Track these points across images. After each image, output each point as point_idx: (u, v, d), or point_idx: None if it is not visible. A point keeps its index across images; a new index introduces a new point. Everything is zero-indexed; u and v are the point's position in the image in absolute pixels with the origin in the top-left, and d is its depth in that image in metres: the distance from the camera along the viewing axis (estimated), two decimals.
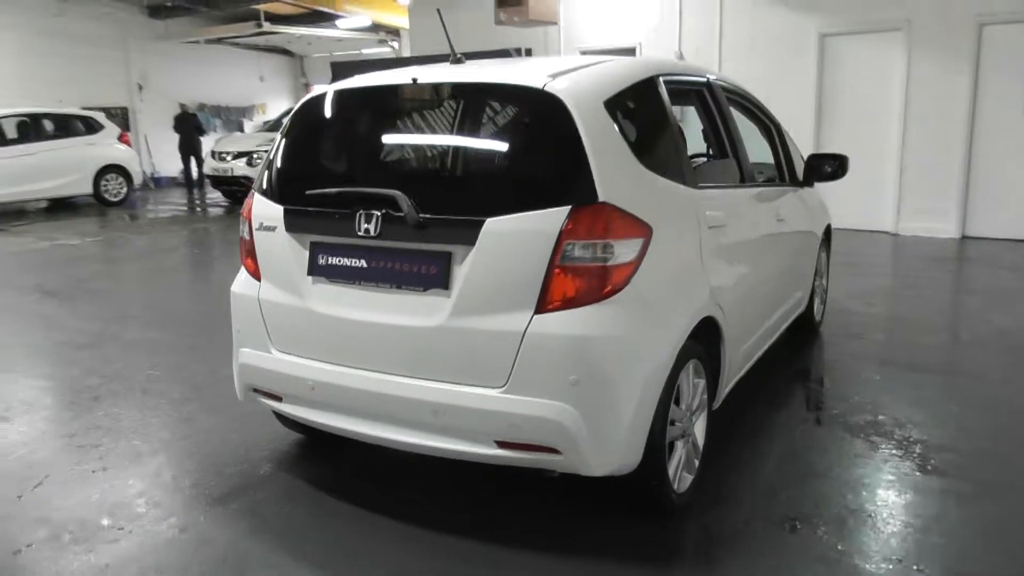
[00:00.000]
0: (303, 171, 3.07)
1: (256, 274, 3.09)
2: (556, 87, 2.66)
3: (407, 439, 2.76)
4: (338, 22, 16.09)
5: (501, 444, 2.62)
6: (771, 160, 4.49)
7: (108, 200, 13.09)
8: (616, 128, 2.73)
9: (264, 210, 3.04)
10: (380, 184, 2.77)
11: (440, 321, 2.63)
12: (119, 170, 13.23)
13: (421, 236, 2.66)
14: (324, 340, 2.88)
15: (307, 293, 2.91)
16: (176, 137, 15.76)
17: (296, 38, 18.04)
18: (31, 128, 12.31)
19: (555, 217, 2.52)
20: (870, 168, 9.29)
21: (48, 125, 12.58)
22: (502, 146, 2.85)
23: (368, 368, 2.78)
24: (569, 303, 2.53)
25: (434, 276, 2.66)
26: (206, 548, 2.80)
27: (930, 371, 4.54)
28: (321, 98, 3.11)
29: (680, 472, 2.94)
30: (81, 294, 6.80)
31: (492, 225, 2.57)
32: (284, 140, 3.14)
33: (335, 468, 3.41)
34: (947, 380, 4.40)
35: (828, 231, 5.28)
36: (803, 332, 5.19)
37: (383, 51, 18.69)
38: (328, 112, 3.08)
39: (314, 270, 2.90)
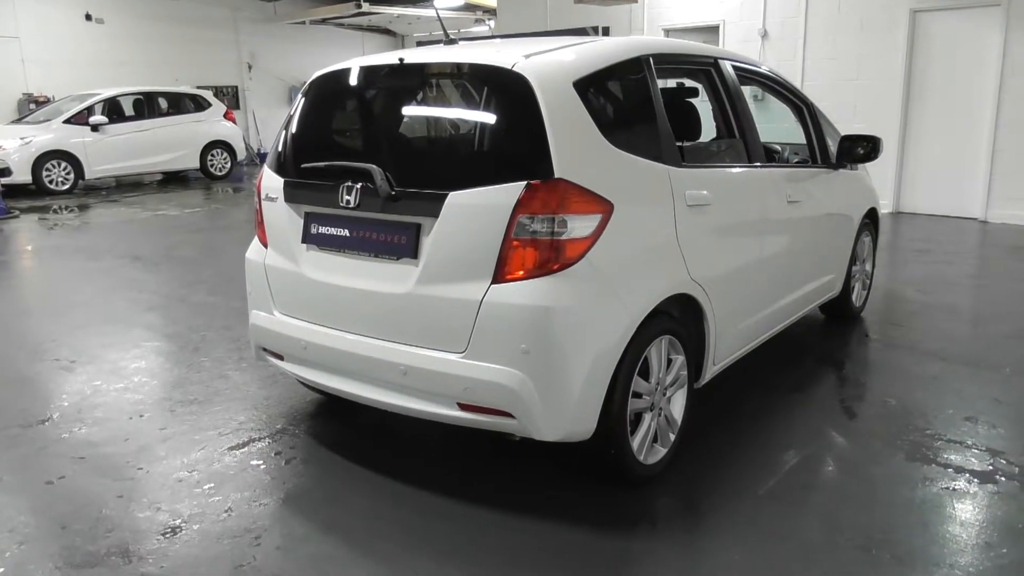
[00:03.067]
0: (301, 146, 3.31)
1: (264, 241, 3.36)
2: (524, 67, 2.77)
3: (381, 398, 2.97)
4: (434, 1, 16.43)
5: (462, 406, 2.79)
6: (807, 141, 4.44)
7: (213, 174, 13.97)
8: (584, 107, 2.81)
9: (270, 182, 3.30)
10: (362, 159, 2.96)
11: (408, 288, 2.82)
12: (224, 146, 14.08)
13: (393, 208, 2.85)
14: (315, 303, 3.12)
15: (301, 260, 3.15)
16: (284, 114, 16.57)
17: (396, 18, 18.54)
18: (145, 106, 13.26)
19: (511, 192, 2.64)
20: (959, 151, 8.84)
21: (160, 103, 13.52)
22: (471, 123, 2.99)
23: (350, 330, 3.00)
24: (523, 275, 2.65)
25: (404, 246, 2.84)
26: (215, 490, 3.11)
27: (961, 362, 4.37)
28: (321, 78, 3.34)
29: (647, 444, 3.02)
30: (166, 261, 7.37)
31: (455, 198, 2.72)
32: (290, 118, 3.39)
33: (345, 426, 3.67)
34: (974, 372, 4.23)
35: (873, 215, 5.13)
36: (839, 318, 5.09)
37: (480, 30, 18.96)
38: (325, 92, 3.30)
39: (307, 238, 3.13)
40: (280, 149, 3.35)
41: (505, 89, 2.83)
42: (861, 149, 4.44)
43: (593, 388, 2.72)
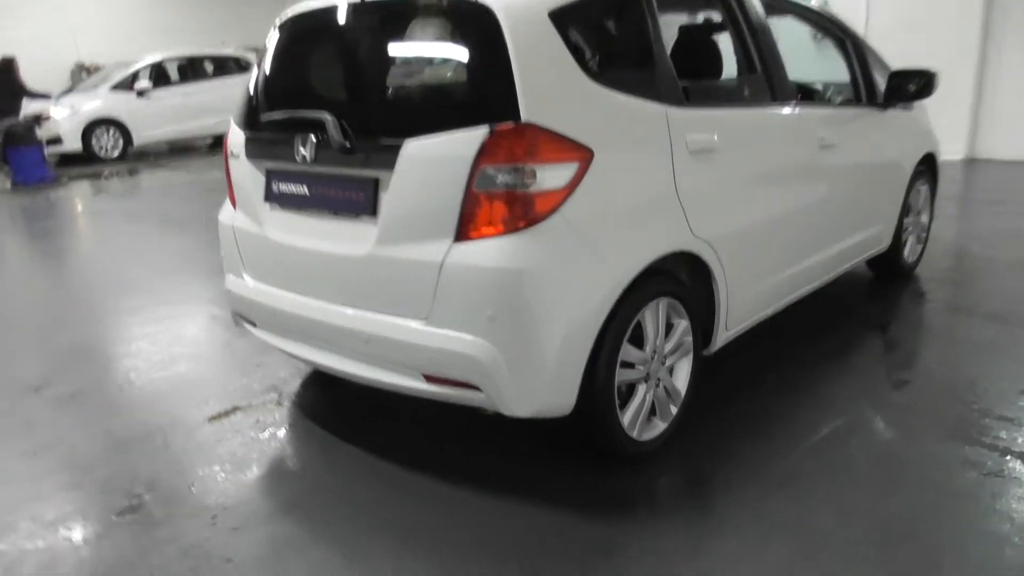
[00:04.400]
0: (261, 97, 3.04)
1: (234, 201, 3.13)
2: None
3: (348, 368, 2.72)
4: None
5: (428, 378, 2.52)
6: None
7: None
8: (561, 40, 2.46)
9: (234, 137, 3.06)
10: (317, 107, 2.67)
11: (368, 249, 2.54)
12: None
13: (349, 161, 2.56)
14: (280, 267, 2.88)
15: (265, 220, 2.91)
16: None
17: None
18: (190, 70, 13.24)
19: (472, 139, 2.33)
20: None
21: (206, 66, 13.48)
22: (433, 63, 2.66)
23: (314, 296, 2.75)
24: (487, 233, 2.35)
25: (362, 203, 2.56)
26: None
27: (1011, 323, 3.89)
28: (283, 23, 3.05)
29: (642, 419, 2.71)
30: (193, 222, 7.29)
31: (411, 148, 2.42)
32: (254, 69, 3.13)
33: (337, 398, 3.46)
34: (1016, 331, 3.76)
35: (931, 161, 4.60)
36: (889, 275, 4.62)
37: None
38: (286, 37, 3.02)
39: (269, 196, 2.89)
40: (243, 101, 3.09)
41: (468, 22, 2.49)
42: (912, 86, 3.93)
43: (570, 359, 2.41)
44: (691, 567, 2.25)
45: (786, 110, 3.29)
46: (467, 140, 2.33)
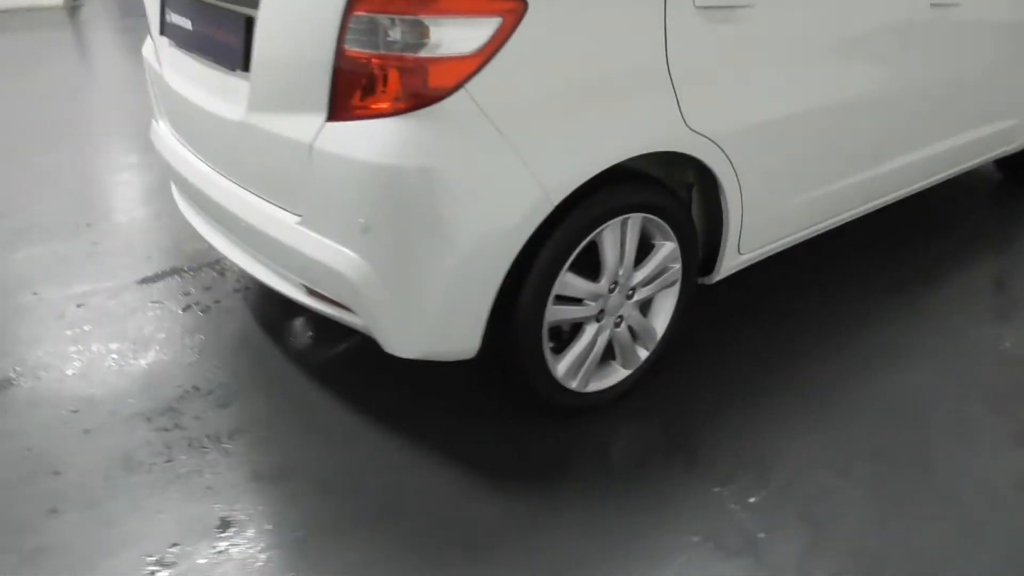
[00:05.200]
0: None
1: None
2: None
3: (239, 262, 2.21)
4: None
5: (309, 291, 1.98)
6: None
7: None
8: None
9: None
10: None
11: (241, 113, 1.94)
12: None
13: None
14: (178, 118, 2.33)
15: (163, 58, 2.33)
16: None
17: None
18: None
19: None
20: None
21: None
22: None
23: (204, 160, 2.21)
24: (363, 112, 1.69)
25: (236, 50, 1.93)
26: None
27: None
28: None
29: (590, 366, 2.10)
30: None
31: None
32: None
33: None
34: None
35: None
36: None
37: None
38: None
39: (164, 28, 2.29)
40: None
41: None
42: None
43: (469, 291, 1.80)
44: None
45: None
46: None
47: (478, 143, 1.68)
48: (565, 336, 2.08)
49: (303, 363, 2.43)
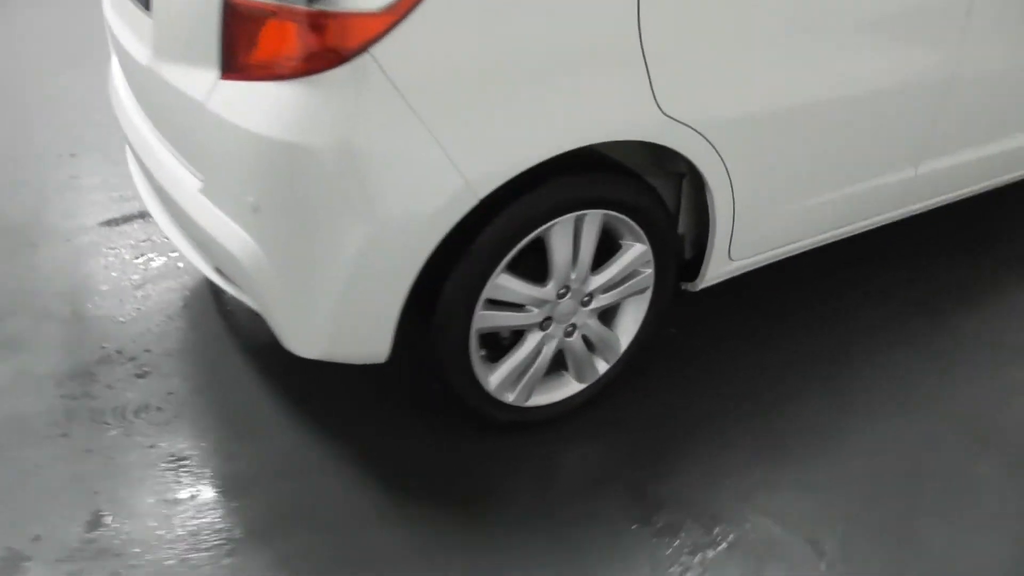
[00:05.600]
0: None
1: None
2: None
3: (160, 223, 1.99)
4: None
5: (216, 268, 1.76)
6: None
7: None
8: None
9: None
10: None
11: (148, 58, 1.70)
12: None
13: None
14: (118, 56, 2.10)
15: None
16: None
17: None
18: None
19: None
20: None
21: None
22: None
23: (136, 108, 1.98)
24: (252, 73, 1.43)
25: None
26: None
27: None
28: None
29: (532, 379, 1.83)
30: None
31: None
32: None
33: None
34: None
35: None
36: None
37: None
38: None
39: None
40: None
41: None
42: None
43: (372, 288, 1.53)
44: None
45: None
46: None
47: (383, 119, 1.39)
48: (505, 343, 1.82)
49: (243, 339, 2.23)
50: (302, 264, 1.52)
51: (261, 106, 1.41)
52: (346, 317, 1.56)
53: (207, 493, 1.75)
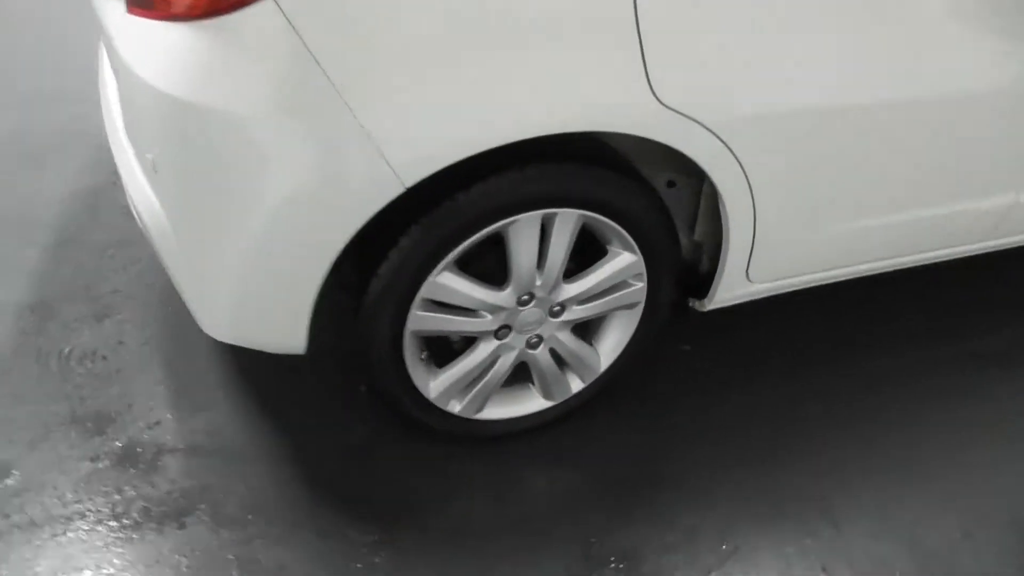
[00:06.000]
0: None
1: None
2: None
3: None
4: None
5: None
6: None
7: None
8: None
9: None
10: None
11: None
12: None
13: None
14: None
15: None
16: None
17: None
18: None
19: None
20: None
21: None
22: None
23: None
24: (148, 11, 1.21)
25: None
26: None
27: None
28: None
29: (484, 390, 1.59)
30: None
31: None
32: None
33: None
34: None
35: None
36: None
37: None
38: None
39: None
40: None
41: None
42: None
43: (279, 272, 1.30)
44: None
45: None
46: None
47: (286, 79, 1.15)
48: (456, 347, 1.57)
49: None
50: (201, 236, 1.32)
51: (155, 51, 1.20)
52: (250, 300, 1.35)
53: (120, 460, 1.62)
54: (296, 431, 1.72)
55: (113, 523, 1.50)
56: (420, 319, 1.43)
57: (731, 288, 1.65)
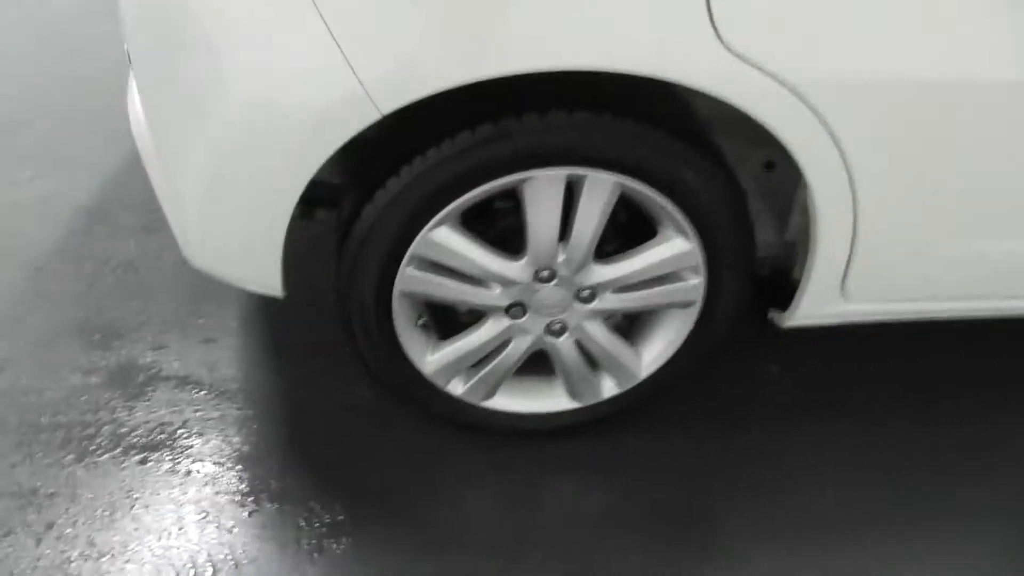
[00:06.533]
0: None
1: None
2: None
3: None
4: None
5: None
6: None
7: None
8: None
9: None
10: None
11: None
12: None
13: None
14: None
15: None
16: None
17: None
18: None
19: None
20: None
21: None
22: None
23: None
24: None
25: None
26: None
27: None
28: None
29: (493, 375, 1.34)
30: None
31: None
32: None
33: None
34: None
35: None
36: None
37: None
38: None
39: None
40: None
41: None
42: None
43: (244, 194, 1.11)
44: None
45: None
46: None
47: None
48: (464, 320, 1.34)
49: None
50: (170, 144, 1.16)
51: None
52: (217, 223, 1.18)
53: (111, 379, 1.53)
54: (297, 385, 1.56)
55: (73, 444, 1.40)
56: (410, 278, 1.20)
57: (820, 303, 1.30)
